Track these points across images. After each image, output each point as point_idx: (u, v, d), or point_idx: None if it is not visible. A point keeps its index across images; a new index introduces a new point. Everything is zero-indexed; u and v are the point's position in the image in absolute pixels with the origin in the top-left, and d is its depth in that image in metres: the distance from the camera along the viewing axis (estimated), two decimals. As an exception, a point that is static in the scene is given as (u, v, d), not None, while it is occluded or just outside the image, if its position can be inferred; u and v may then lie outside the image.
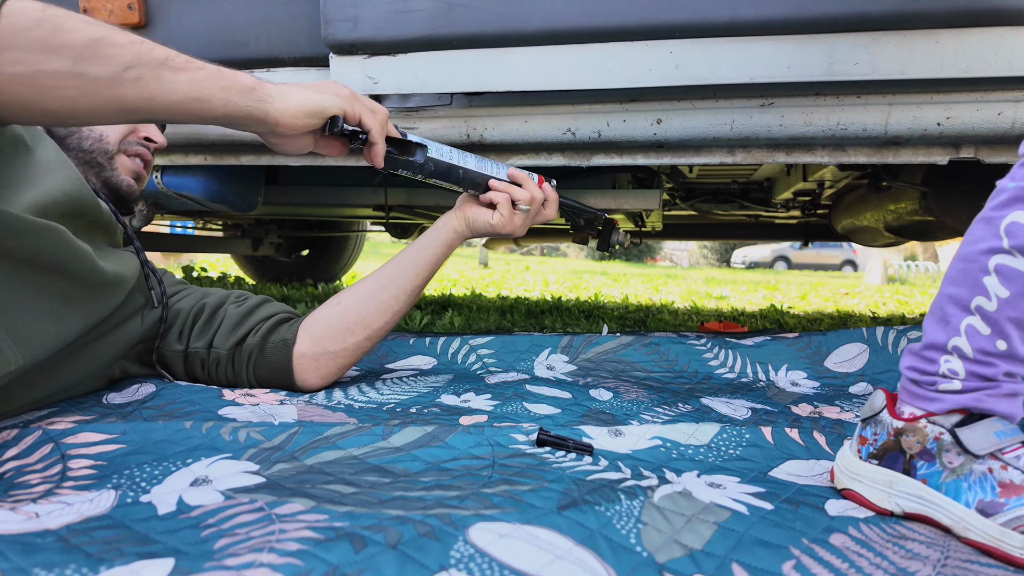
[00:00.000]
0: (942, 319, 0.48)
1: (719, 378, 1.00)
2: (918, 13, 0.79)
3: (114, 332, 0.76)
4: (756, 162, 0.99)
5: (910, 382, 0.50)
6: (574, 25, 0.88)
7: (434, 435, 0.57)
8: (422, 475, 0.50)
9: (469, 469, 0.51)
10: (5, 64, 0.47)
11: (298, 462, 0.52)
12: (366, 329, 0.81)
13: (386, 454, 0.54)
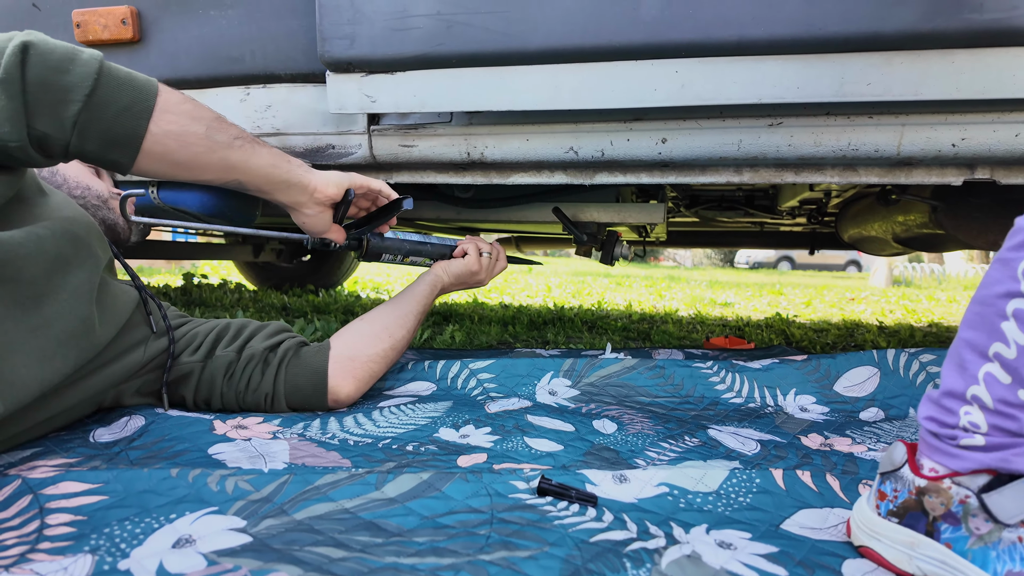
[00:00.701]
0: (959, 365, 0.46)
1: (726, 403, 0.97)
2: (933, 33, 0.76)
3: (111, 365, 0.74)
4: (764, 182, 0.97)
5: (930, 434, 0.47)
6: (576, 44, 0.85)
7: (430, 483, 0.55)
8: (416, 533, 0.48)
9: (466, 526, 0.49)
10: (164, 123, 0.65)
11: (287, 516, 0.50)
12: (391, 338, 0.92)
13: (379, 507, 0.52)
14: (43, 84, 0.59)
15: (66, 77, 0.59)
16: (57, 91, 0.59)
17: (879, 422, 0.92)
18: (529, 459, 0.68)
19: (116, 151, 0.64)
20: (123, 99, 0.63)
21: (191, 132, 0.68)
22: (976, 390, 0.44)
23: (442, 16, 0.88)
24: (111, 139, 0.63)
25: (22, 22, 1.14)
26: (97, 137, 0.62)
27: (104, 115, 0.62)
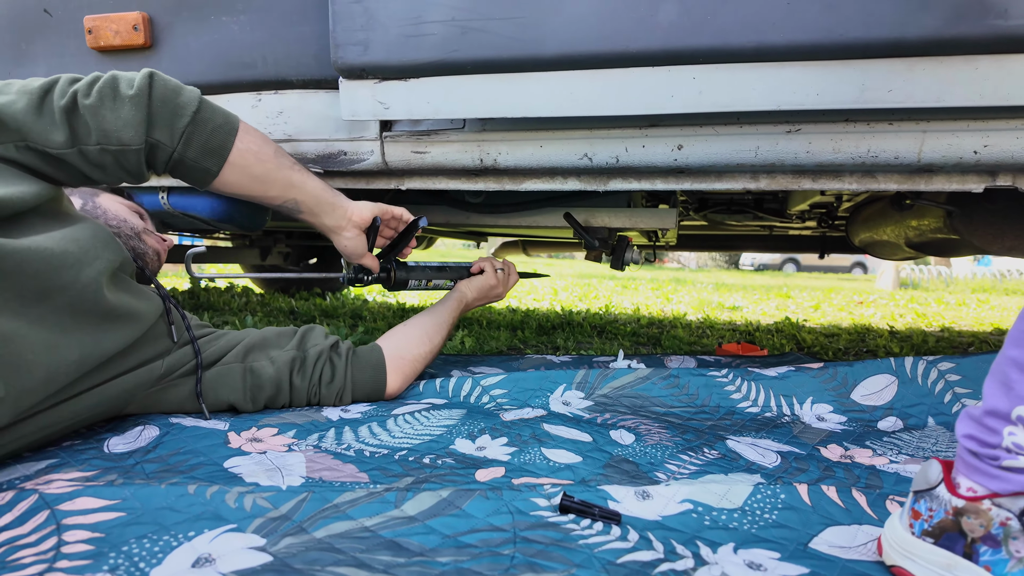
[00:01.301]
0: (1004, 383, 0.45)
1: (742, 412, 0.96)
2: (957, 39, 0.75)
3: (127, 374, 0.74)
4: (780, 188, 0.96)
5: (969, 453, 0.46)
6: (592, 50, 0.84)
7: (449, 501, 0.54)
8: (439, 553, 0.47)
9: (489, 545, 0.48)
10: (245, 141, 0.82)
11: (307, 535, 0.49)
12: (431, 342, 1.03)
13: (399, 525, 0.51)
14: (163, 101, 0.75)
15: (179, 98, 0.76)
16: (172, 107, 0.75)
17: (898, 432, 0.90)
18: (548, 472, 0.67)
19: (209, 159, 0.79)
20: (217, 119, 0.79)
21: (265, 151, 0.84)
22: (1022, 411, 0.43)
23: (456, 22, 0.88)
24: (207, 149, 0.78)
25: (34, 28, 1.14)
26: (197, 147, 0.77)
27: (204, 129, 0.78)
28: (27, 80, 0.73)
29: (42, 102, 0.70)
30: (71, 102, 0.71)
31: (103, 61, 1.12)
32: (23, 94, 0.70)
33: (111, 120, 0.72)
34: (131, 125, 0.72)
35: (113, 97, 0.72)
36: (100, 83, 0.73)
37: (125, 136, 0.72)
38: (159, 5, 1.07)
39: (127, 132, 0.72)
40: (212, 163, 0.79)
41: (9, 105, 0.69)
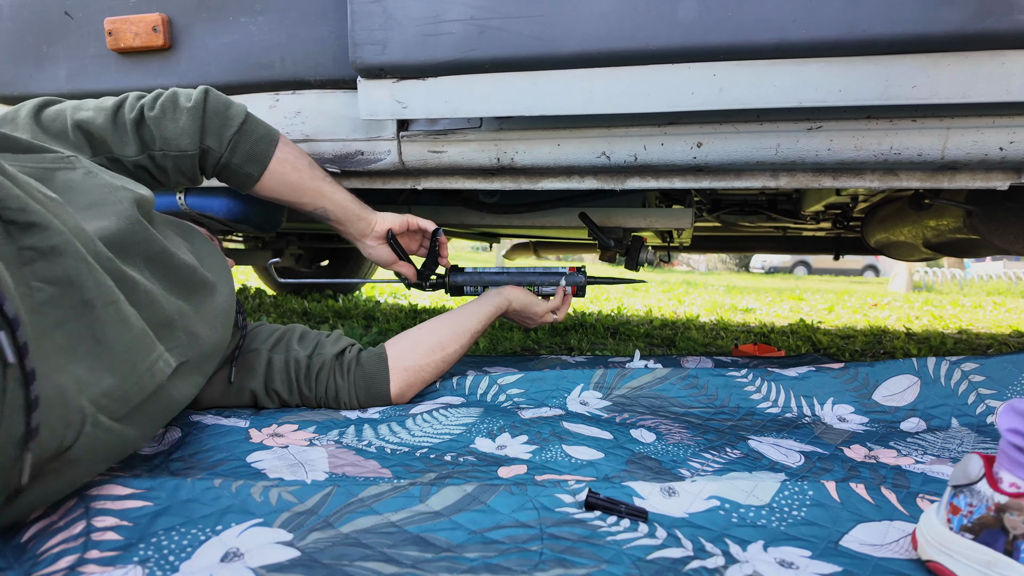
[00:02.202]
0: None
1: (762, 413, 0.95)
2: (983, 34, 0.74)
3: None
4: (801, 186, 0.95)
5: (1013, 448, 0.45)
6: (612, 48, 0.84)
7: (474, 496, 0.54)
8: (466, 548, 0.47)
9: (516, 541, 0.48)
10: (284, 151, 0.92)
11: (333, 530, 0.49)
12: (443, 351, 0.99)
13: (425, 520, 0.51)
14: (215, 113, 0.85)
15: (229, 111, 0.87)
16: (222, 119, 0.86)
17: (922, 433, 0.89)
18: (570, 469, 0.66)
19: (251, 166, 0.89)
20: (260, 130, 0.90)
21: (300, 163, 0.94)
22: None
23: (475, 21, 0.88)
24: (250, 157, 0.89)
25: (55, 30, 1.15)
26: (242, 154, 0.88)
27: (249, 139, 0.88)
28: (99, 100, 0.82)
29: (115, 117, 0.80)
30: (139, 115, 0.81)
31: (123, 62, 1.13)
32: (100, 111, 0.79)
33: (171, 129, 0.82)
34: (188, 133, 0.83)
35: (173, 109, 0.83)
36: (163, 97, 0.83)
37: (183, 143, 0.83)
38: (178, 7, 1.08)
39: (184, 139, 0.83)
40: (254, 169, 0.90)
41: (92, 121, 0.78)
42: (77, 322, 0.48)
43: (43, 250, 0.46)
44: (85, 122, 0.78)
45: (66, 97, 1.17)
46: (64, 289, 0.48)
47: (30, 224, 0.46)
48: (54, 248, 0.47)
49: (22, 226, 0.45)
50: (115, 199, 0.62)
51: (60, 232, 0.48)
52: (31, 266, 0.46)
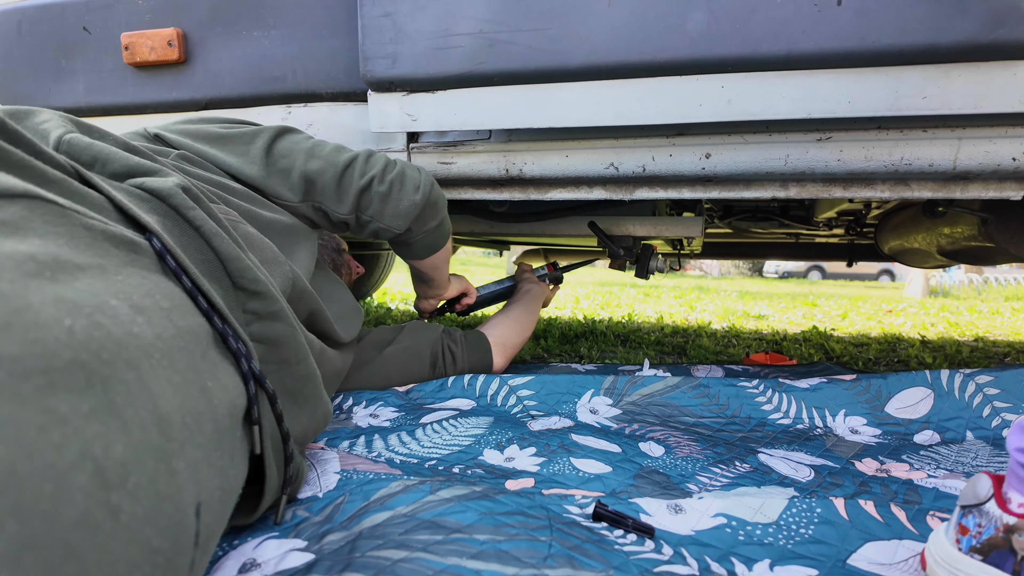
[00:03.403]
0: None
1: (773, 424, 0.95)
2: (995, 44, 0.74)
3: None
4: (811, 196, 0.94)
5: (1022, 467, 0.45)
6: (620, 60, 0.84)
7: (484, 493, 0.54)
8: (476, 529, 0.47)
9: (526, 527, 0.48)
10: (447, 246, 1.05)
11: (347, 531, 0.49)
12: (524, 333, 1.25)
13: (436, 506, 0.51)
14: (430, 207, 0.93)
15: (437, 206, 0.95)
16: (430, 214, 0.94)
17: (935, 446, 0.88)
18: (578, 483, 0.66)
19: (424, 251, 1.01)
20: (445, 228, 1.01)
21: (447, 253, 1.07)
22: None
23: (484, 35, 0.88)
24: (427, 245, 0.99)
25: (73, 45, 1.17)
26: (424, 243, 0.98)
27: (436, 233, 0.98)
28: (332, 147, 0.87)
29: (342, 177, 0.85)
30: (366, 184, 0.86)
31: (139, 76, 1.15)
32: (329, 166, 0.85)
33: (391, 208, 0.88)
34: (403, 217, 0.90)
35: (400, 190, 0.89)
36: (392, 175, 0.88)
37: (395, 224, 0.90)
38: (193, 21, 1.10)
39: (397, 221, 0.90)
40: (424, 254, 1.01)
41: (320, 173, 0.84)
42: (278, 375, 0.54)
43: (262, 314, 0.52)
44: (313, 173, 0.83)
45: (83, 110, 1.20)
46: (271, 348, 0.53)
47: (257, 292, 0.51)
48: (272, 313, 0.52)
49: (250, 293, 0.51)
50: (282, 260, 0.66)
51: (278, 300, 0.53)
52: (249, 327, 0.51)
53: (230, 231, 0.53)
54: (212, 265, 0.49)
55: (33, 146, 0.41)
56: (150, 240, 0.43)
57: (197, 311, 0.43)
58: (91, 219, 0.38)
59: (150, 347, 0.33)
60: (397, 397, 1.00)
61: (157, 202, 0.49)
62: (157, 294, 0.38)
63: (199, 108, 1.13)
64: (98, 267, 0.34)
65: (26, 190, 0.34)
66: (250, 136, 0.82)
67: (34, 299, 0.27)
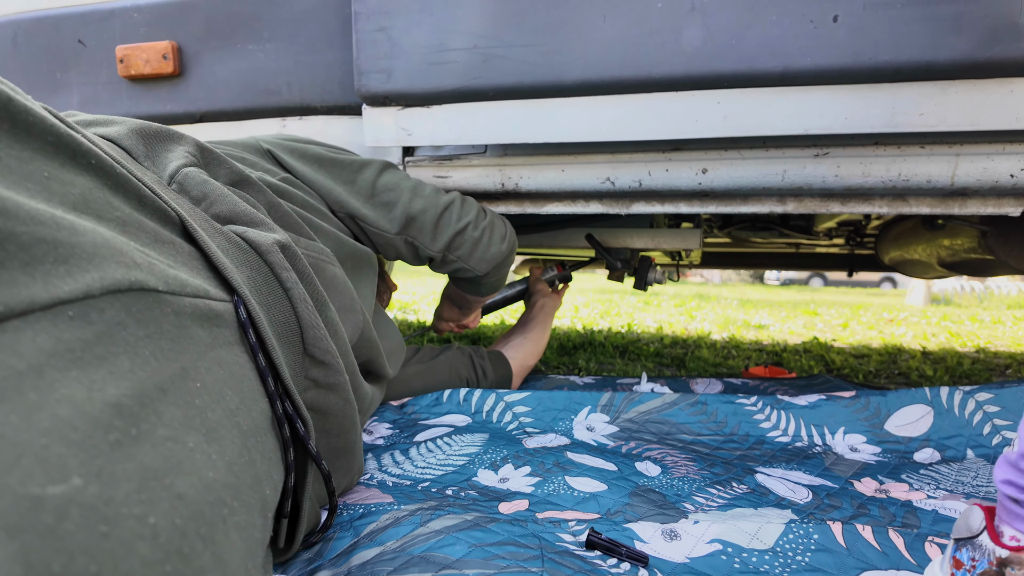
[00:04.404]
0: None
1: (772, 442, 0.94)
2: (991, 62, 0.73)
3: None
4: (808, 211, 0.94)
5: (1009, 500, 0.44)
6: (615, 76, 0.84)
7: (475, 523, 0.53)
8: (466, 564, 0.46)
9: (517, 558, 0.47)
10: (514, 247, 1.04)
11: (336, 568, 0.48)
12: (538, 355, 1.30)
13: (427, 539, 0.50)
14: (509, 254, 1.01)
15: (513, 254, 1.03)
16: (508, 262, 1.03)
17: (935, 464, 0.87)
18: (572, 503, 0.65)
19: (487, 290, 1.10)
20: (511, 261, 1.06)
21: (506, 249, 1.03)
22: None
23: (479, 50, 0.88)
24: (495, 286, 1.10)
25: (68, 57, 1.17)
26: (494, 280, 1.06)
27: (502, 270, 1.05)
28: (432, 188, 0.92)
29: (441, 218, 0.90)
30: (462, 228, 0.92)
31: (134, 89, 1.15)
32: (432, 207, 0.89)
33: (479, 254, 0.95)
34: (487, 262, 0.97)
35: (489, 238, 0.96)
36: (485, 222, 0.95)
37: (479, 267, 0.97)
38: (188, 34, 1.10)
39: (481, 265, 0.96)
40: (486, 292, 1.10)
41: (422, 213, 0.88)
42: (317, 442, 0.54)
43: (322, 383, 0.52)
44: (416, 211, 0.87)
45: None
46: (318, 416, 0.53)
47: (324, 363, 0.51)
48: (331, 384, 0.53)
49: (317, 361, 0.50)
50: (358, 308, 0.67)
51: (341, 373, 0.53)
52: (305, 393, 0.50)
53: (317, 288, 0.53)
54: (291, 328, 0.48)
55: (138, 191, 0.40)
56: (235, 305, 0.43)
57: (263, 394, 0.43)
58: (182, 298, 0.36)
59: (223, 494, 0.32)
60: (392, 412, 1.00)
61: (253, 255, 0.48)
62: (228, 390, 0.38)
63: (194, 121, 1.13)
64: (179, 375, 0.34)
65: (131, 282, 0.32)
66: (358, 166, 0.87)
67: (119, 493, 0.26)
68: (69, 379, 0.27)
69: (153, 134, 0.53)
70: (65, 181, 0.34)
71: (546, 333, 1.34)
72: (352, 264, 0.76)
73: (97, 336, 0.29)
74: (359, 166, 0.87)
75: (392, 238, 0.87)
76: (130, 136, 0.50)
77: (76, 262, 0.29)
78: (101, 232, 0.32)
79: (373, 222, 0.85)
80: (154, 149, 0.52)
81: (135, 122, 0.53)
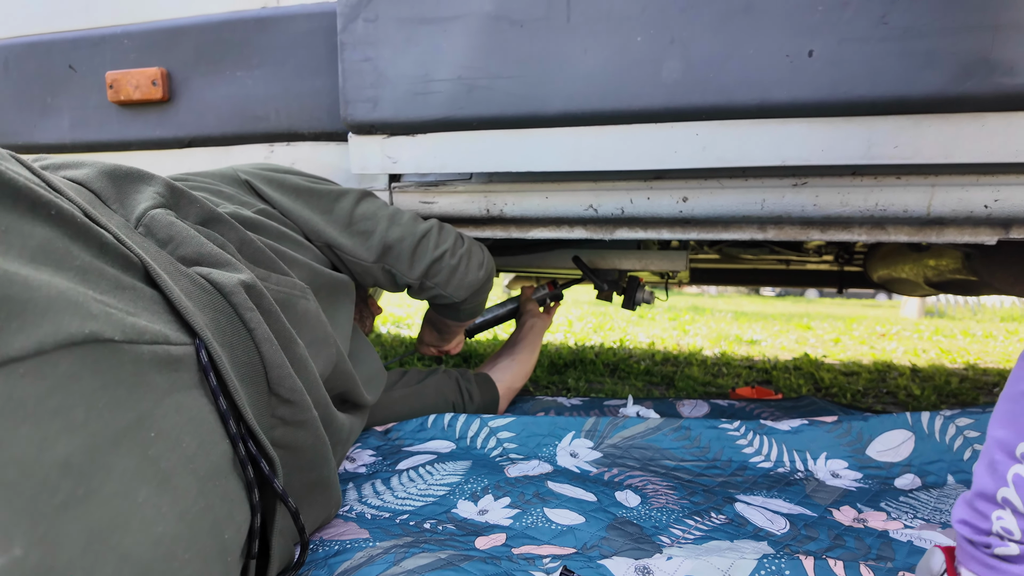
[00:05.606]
0: (990, 464, 0.43)
1: (754, 468, 0.94)
2: (963, 96, 0.75)
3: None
4: (789, 239, 0.95)
5: (965, 540, 0.44)
6: (596, 108, 0.85)
7: (448, 562, 0.53)
8: None
9: None
10: (492, 273, 1.03)
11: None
12: (526, 376, 1.30)
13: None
14: (487, 281, 1.01)
15: (490, 280, 1.03)
16: (486, 288, 1.03)
17: (916, 491, 0.88)
18: (550, 536, 0.66)
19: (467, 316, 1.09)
20: (489, 286, 1.05)
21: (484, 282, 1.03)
22: (1006, 492, 0.42)
23: (463, 80, 0.89)
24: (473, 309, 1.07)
25: (59, 82, 1.18)
26: (471, 308, 1.05)
27: (480, 295, 1.04)
28: (410, 216, 0.92)
29: (418, 246, 0.90)
30: (440, 255, 0.92)
31: (123, 114, 1.15)
32: (409, 235, 0.90)
33: (456, 280, 0.95)
34: (465, 289, 0.97)
35: (467, 265, 0.95)
36: (462, 250, 0.95)
37: (456, 294, 0.97)
38: (177, 60, 1.11)
39: (459, 291, 0.96)
40: (465, 318, 1.09)
41: (400, 240, 0.89)
42: (288, 479, 0.54)
43: (289, 421, 0.52)
44: (393, 240, 0.88)
45: (68, 147, 1.20)
46: (289, 453, 0.53)
47: (290, 401, 0.51)
48: (299, 422, 0.53)
49: (283, 400, 0.51)
50: (331, 341, 0.67)
51: (309, 410, 0.54)
52: (272, 432, 0.51)
53: (284, 326, 0.53)
54: (255, 368, 0.49)
55: (100, 238, 0.40)
56: (197, 348, 0.43)
57: (224, 436, 0.43)
58: (140, 346, 0.37)
59: (173, 548, 0.33)
60: (376, 438, 1.00)
61: (217, 296, 0.48)
62: (186, 436, 0.38)
63: (183, 146, 1.14)
64: (135, 424, 0.34)
65: (86, 334, 0.33)
66: (336, 195, 0.87)
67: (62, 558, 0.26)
68: (19, 437, 0.27)
69: (123, 176, 0.53)
70: (24, 233, 0.34)
71: (534, 354, 1.34)
72: (328, 294, 0.77)
73: (50, 390, 0.30)
74: (337, 195, 0.88)
75: (369, 266, 0.88)
76: (99, 178, 0.51)
77: (29, 317, 0.30)
78: (57, 284, 0.33)
79: (350, 251, 0.86)
80: (123, 191, 0.52)
81: (104, 164, 0.53)
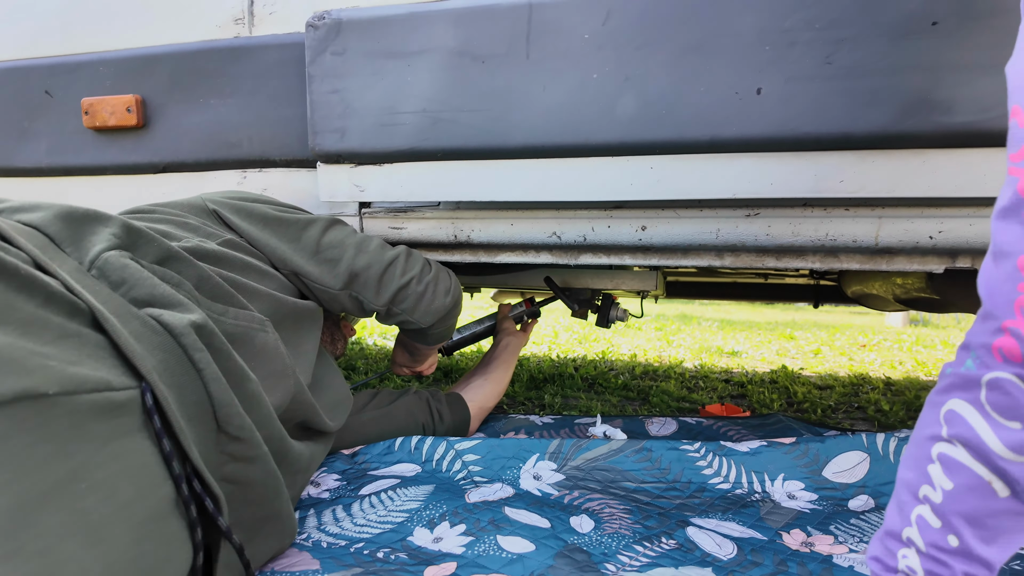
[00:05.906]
0: (898, 504, 0.46)
1: (713, 489, 0.96)
2: (905, 134, 0.78)
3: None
4: (745, 266, 0.97)
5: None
6: (555, 142, 0.88)
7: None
8: None
9: None
10: (459, 299, 1.05)
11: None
12: (498, 396, 1.30)
13: None
14: (454, 307, 1.03)
15: (458, 306, 1.06)
16: (454, 315, 1.06)
17: (867, 512, 0.90)
18: (499, 565, 0.68)
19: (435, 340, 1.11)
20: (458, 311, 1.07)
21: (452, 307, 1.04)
22: (910, 532, 0.44)
23: (428, 113, 0.92)
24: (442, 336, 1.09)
25: (36, 107, 1.20)
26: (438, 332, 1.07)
27: (449, 325, 1.08)
28: (377, 244, 0.94)
29: (385, 273, 0.92)
30: (406, 283, 0.93)
31: (99, 139, 1.17)
32: (376, 263, 0.91)
33: (423, 307, 0.96)
34: (432, 315, 0.98)
35: (433, 292, 0.97)
36: (429, 277, 0.97)
37: (423, 320, 0.98)
38: (152, 88, 1.13)
39: (427, 318, 0.98)
40: (433, 342, 1.11)
41: (366, 269, 0.90)
42: (238, 512, 0.55)
43: (239, 457, 0.53)
44: (359, 268, 0.90)
45: (44, 170, 1.22)
46: (239, 488, 0.54)
47: (239, 439, 0.53)
48: (249, 458, 0.54)
49: (232, 437, 0.52)
50: (290, 372, 0.68)
51: (259, 446, 0.55)
52: (222, 468, 0.52)
53: (236, 364, 0.54)
54: (203, 408, 0.50)
55: (46, 288, 0.42)
56: (143, 392, 0.44)
57: (166, 477, 0.45)
58: (78, 396, 0.38)
59: None
60: (342, 461, 1.01)
61: (167, 337, 0.49)
62: (123, 482, 0.40)
63: (157, 171, 1.16)
64: (67, 478, 0.36)
65: (18, 392, 0.34)
66: (304, 223, 0.89)
67: None
68: None
69: (79, 218, 0.55)
70: None
71: (508, 372, 1.35)
72: (292, 323, 0.78)
73: None
74: (304, 224, 0.89)
75: (336, 294, 0.89)
76: (54, 222, 0.53)
77: None
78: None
79: (317, 278, 0.88)
80: (78, 233, 0.54)
81: (60, 207, 0.55)
